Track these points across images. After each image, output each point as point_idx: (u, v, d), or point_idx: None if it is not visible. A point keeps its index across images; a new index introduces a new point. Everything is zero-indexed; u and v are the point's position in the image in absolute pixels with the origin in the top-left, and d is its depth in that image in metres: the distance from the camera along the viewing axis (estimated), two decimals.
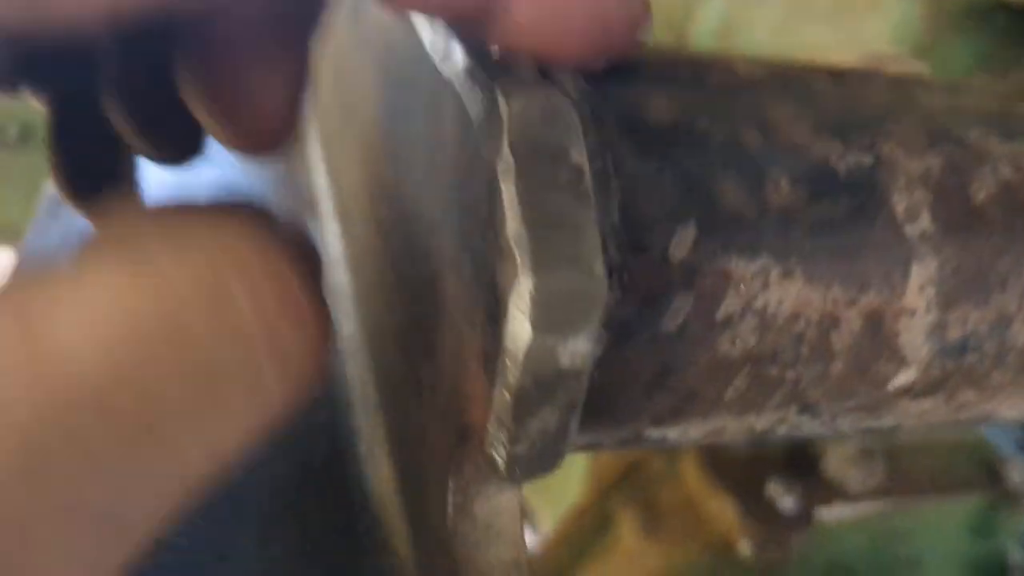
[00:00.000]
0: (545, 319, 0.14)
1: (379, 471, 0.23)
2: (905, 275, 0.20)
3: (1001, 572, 0.65)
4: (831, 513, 0.53)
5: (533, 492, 1.11)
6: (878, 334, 0.20)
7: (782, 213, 0.19)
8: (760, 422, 0.21)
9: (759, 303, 0.18)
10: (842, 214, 0.19)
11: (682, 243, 0.17)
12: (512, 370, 0.14)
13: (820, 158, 0.19)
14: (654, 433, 0.20)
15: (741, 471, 0.55)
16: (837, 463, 0.54)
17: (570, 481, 0.80)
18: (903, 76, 0.24)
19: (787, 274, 0.18)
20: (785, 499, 0.51)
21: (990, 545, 0.63)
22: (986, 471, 0.62)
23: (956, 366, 0.21)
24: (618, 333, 0.17)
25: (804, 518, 0.52)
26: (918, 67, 0.52)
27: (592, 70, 0.17)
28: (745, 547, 0.51)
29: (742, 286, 0.18)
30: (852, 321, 0.19)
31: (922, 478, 0.59)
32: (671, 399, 0.19)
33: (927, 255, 0.20)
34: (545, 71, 0.17)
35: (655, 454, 0.61)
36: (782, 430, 0.22)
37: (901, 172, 0.20)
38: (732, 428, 0.21)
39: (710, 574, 0.53)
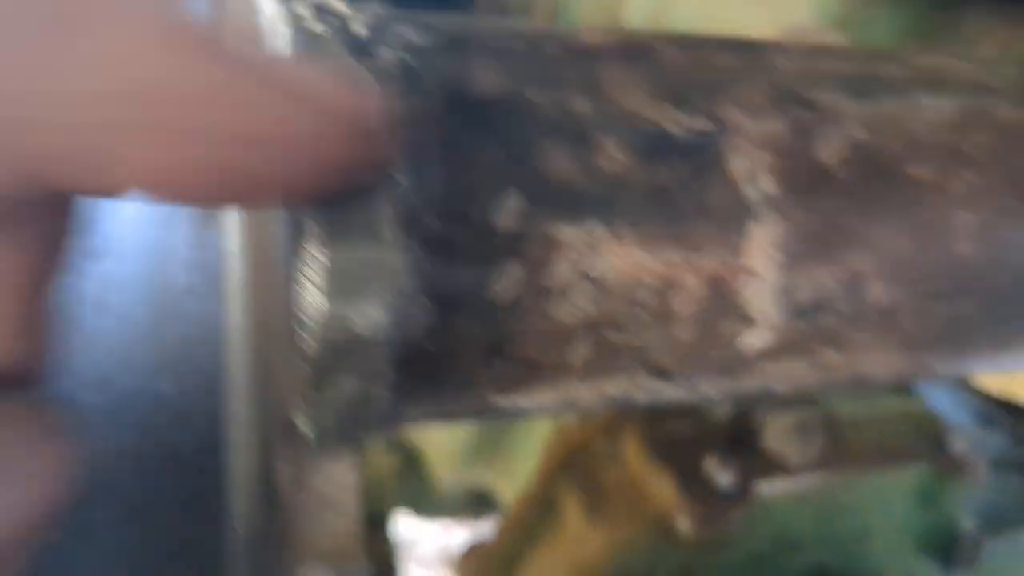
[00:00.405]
0: (336, 287, 0.14)
1: (248, 459, 0.23)
2: (746, 237, 0.20)
3: (950, 541, 0.65)
4: (772, 487, 0.54)
5: (497, 477, 1.11)
6: (722, 296, 0.20)
7: (612, 179, 0.19)
8: (612, 388, 0.21)
9: (591, 269, 0.18)
10: (676, 179, 0.19)
11: (507, 212, 0.17)
12: (308, 339, 0.14)
13: (654, 124, 0.20)
14: (504, 402, 0.20)
15: (680, 449, 0.55)
16: (775, 436, 0.54)
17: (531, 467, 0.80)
18: (761, 41, 0.24)
19: (618, 238, 0.19)
20: (722, 475, 0.52)
21: (938, 515, 0.64)
22: (930, 441, 0.63)
23: (811, 327, 0.22)
24: (446, 303, 0.17)
25: (742, 493, 0.52)
26: (840, 40, 0.53)
27: (327, 189, 0.14)
28: (684, 525, 0.51)
29: (571, 252, 0.18)
30: (693, 284, 0.20)
31: (864, 450, 0.59)
32: (512, 368, 0.19)
33: (769, 217, 0.20)
34: (364, 44, 0.17)
35: (600, 437, 0.61)
36: (641, 396, 0.22)
37: (742, 135, 0.20)
38: (586, 396, 0.21)
39: (651, 553, 0.53)
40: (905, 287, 0.22)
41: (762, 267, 0.20)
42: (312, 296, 0.14)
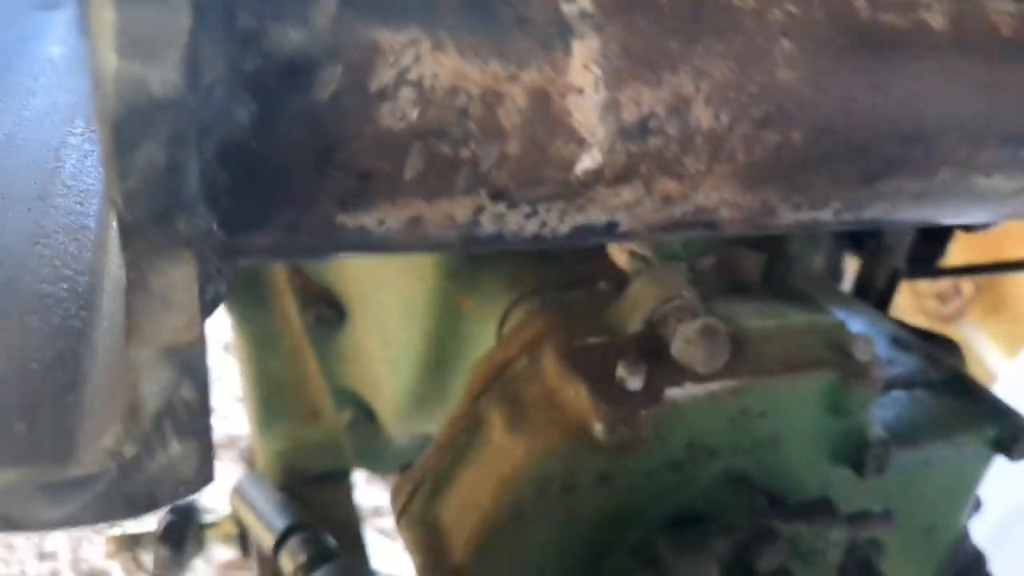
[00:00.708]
0: (129, 48, 0.15)
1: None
2: (567, 52, 0.21)
3: (860, 448, 0.68)
4: (681, 392, 0.55)
5: None
6: (547, 111, 0.21)
7: None
8: (458, 211, 0.22)
9: (413, 75, 0.19)
10: None
11: (323, 12, 0.18)
12: (106, 101, 0.15)
13: None
14: (349, 221, 0.21)
15: (593, 360, 0.57)
16: (683, 345, 0.56)
17: None
18: None
19: (439, 47, 0.20)
20: (632, 379, 0.53)
21: (848, 423, 0.67)
22: (835, 350, 0.65)
23: (640, 149, 0.23)
24: (266, 100, 0.18)
25: (652, 397, 0.54)
26: None
27: None
28: (598, 429, 0.53)
29: (392, 57, 0.19)
30: (517, 97, 0.21)
31: (771, 359, 0.62)
32: (347, 178, 0.20)
33: (588, 33, 0.21)
34: None
35: (521, 356, 0.63)
36: (488, 224, 0.23)
37: None
38: (432, 217, 0.22)
39: (568, 459, 0.55)
40: (730, 110, 0.23)
41: (587, 84, 0.21)
42: (106, 58, 0.15)
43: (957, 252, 0.98)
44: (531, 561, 0.58)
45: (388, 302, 0.98)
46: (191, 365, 0.18)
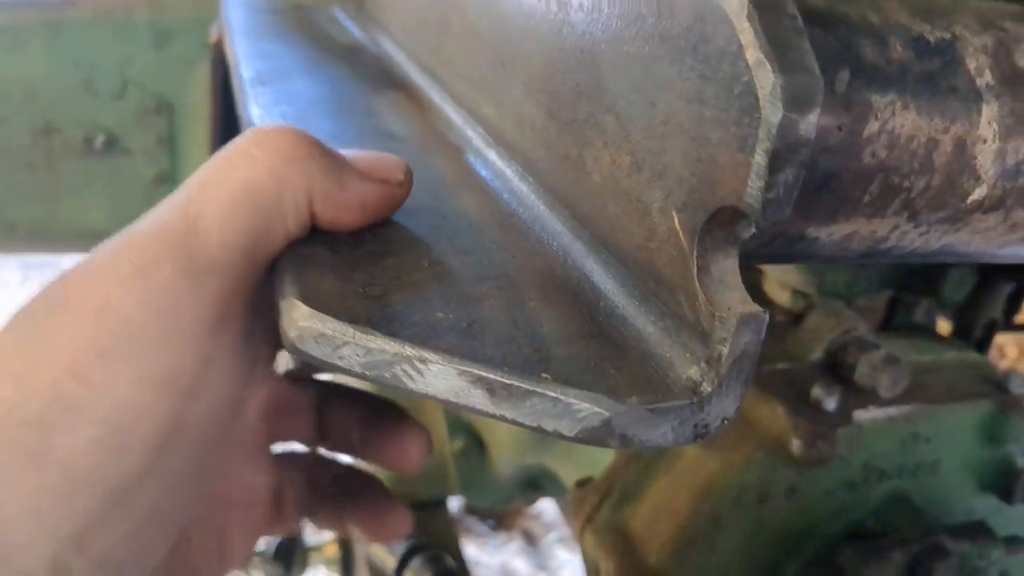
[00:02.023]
0: (791, 102, 0.22)
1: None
2: (978, 112, 0.28)
3: (1008, 476, 0.73)
4: (866, 415, 0.62)
5: (560, 461, 1.18)
6: (963, 155, 0.28)
7: (900, 65, 0.27)
8: (881, 228, 0.29)
9: (888, 126, 0.27)
10: (936, 69, 0.28)
11: (841, 81, 0.26)
12: (769, 138, 0.22)
13: (917, 32, 0.28)
14: (811, 233, 0.28)
15: (786, 383, 0.64)
16: (868, 370, 0.62)
17: (596, 451, 0.88)
18: None
19: (905, 107, 0.27)
20: (828, 400, 0.60)
21: (999, 451, 0.72)
22: (992, 384, 0.71)
23: (1012, 186, 0.30)
24: (819, 144, 0.25)
25: (845, 416, 0.60)
26: None
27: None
28: (796, 445, 0.59)
29: (878, 113, 0.26)
30: (946, 144, 0.28)
31: (939, 389, 0.68)
32: (831, 199, 0.27)
33: (991, 100, 0.29)
34: None
35: None
36: (893, 239, 0.30)
37: (969, 44, 0.29)
38: (862, 233, 0.29)
39: (764, 470, 0.61)
40: None
41: (988, 136, 0.29)
42: (772, 109, 0.22)
43: None
44: (721, 566, 0.64)
45: None
46: (759, 329, 0.25)
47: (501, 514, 2.07)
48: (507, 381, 0.25)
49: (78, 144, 1.03)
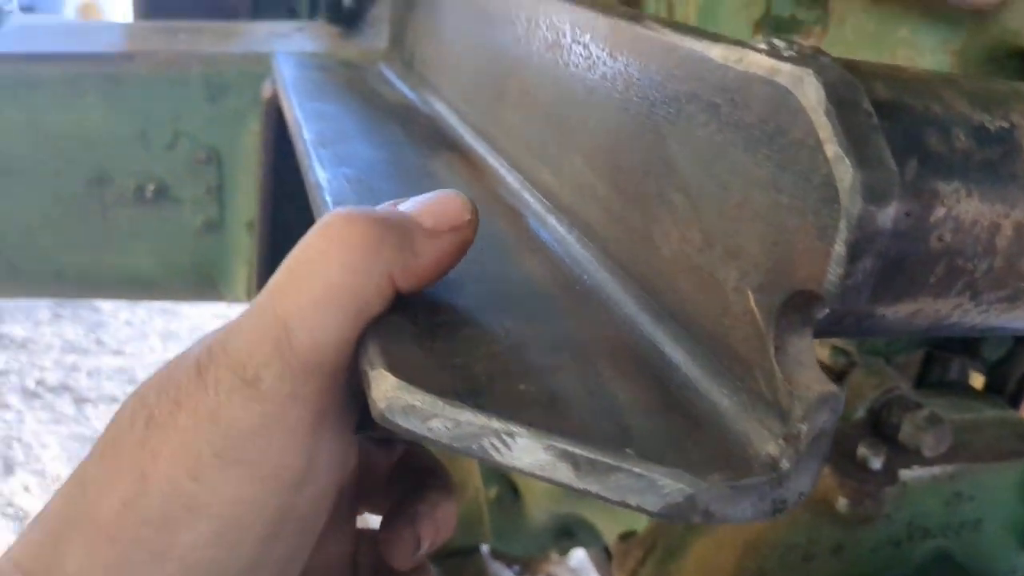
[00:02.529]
0: (870, 195, 0.24)
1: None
2: None
3: None
4: (911, 473, 0.62)
5: (597, 511, 1.18)
6: (1022, 238, 0.30)
7: (963, 153, 0.29)
8: (944, 307, 0.30)
9: (954, 212, 0.28)
10: (996, 157, 0.29)
11: (910, 170, 0.27)
12: (849, 229, 0.24)
13: (978, 121, 0.30)
14: (878, 311, 0.29)
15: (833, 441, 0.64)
16: (912, 430, 0.63)
17: None
18: (1005, 81, 0.34)
19: (969, 194, 0.28)
20: (874, 459, 0.60)
21: None
22: None
23: None
24: (892, 231, 0.27)
25: (891, 476, 0.61)
26: None
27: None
28: (842, 504, 0.60)
29: (944, 199, 0.28)
30: (1007, 228, 0.29)
31: (979, 447, 0.68)
32: (900, 280, 0.29)
33: None
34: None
35: None
36: (955, 316, 0.31)
37: None
38: (926, 311, 0.30)
39: (810, 529, 0.61)
40: None
41: None
42: (853, 202, 0.24)
43: None
44: None
45: None
46: (836, 409, 0.26)
47: (527, 560, 2.06)
48: (592, 456, 0.26)
49: (130, 193, 1.06)
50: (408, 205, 0.34)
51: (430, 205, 0.34)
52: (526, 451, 0.27)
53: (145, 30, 1.27)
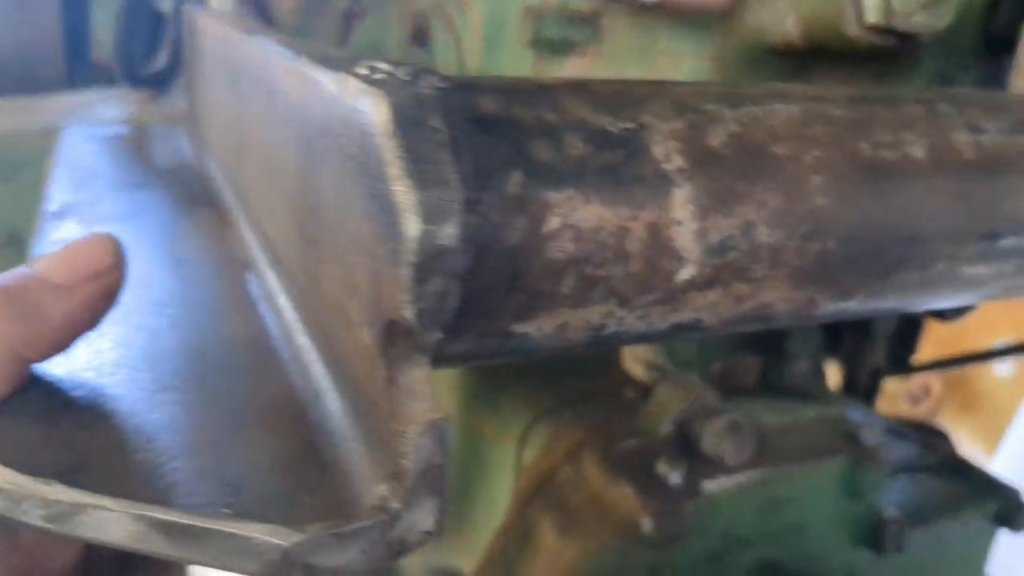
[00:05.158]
0: (428, 216, 0.22)
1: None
2: (669, 197, 0.29)
3: (878, 528, 0.74)
4: (715, 484, 0.62)
5: (464, 557, 1.15)
6: (658, 239, 0.29)
7: (578, 161, 0.28)
8: (593, 317, 0.29)
9: (571, 220, 0.27)
10: (618, 159, 0.28)
11: (513, 184, 0.26)
12: (410, 252, 0.22)
13: (598, 126, 0.29)
14: (518, 329, 0.28)
15: (634, 461, 0.63)
16: (711, 440, 0.62)
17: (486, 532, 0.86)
18: (662, 79, 0.34)
19: (587, 200, 0.27)
20: (672, 475, 0.59)
21: (864, 504, 0.73)
22: (845, 438, 0.72)
23: (722, 262, 0.31)
24: (479, 249, 0.25)
25: (692, 490, 0.60)
26: None
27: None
28: (646, 524, 0.59)
29: (557, 209, 0.27)
30: (638, 230, 0.28)
31: (790, 450, 0.68)
32: (524, 297, 0.27)
33: (684, 183, 0.29)
34: (410, 82, 0.26)
35: (563, 464, 0.69)
36: (612, 325, 0.30)
37: (656, 132, 0.30)
38: (574, 323, 0.29)
39: (619, 555, 0.60)
40: (783, 229, 0.31)
41: (684, 217, 0.29)
42: (411, 223, 0.22)
43: (925, 351, 1.06)
44: None
45: None
46: (441, 438, 0.24)
47: None
48: (184, 522, 0.24)
49: None
50: (40, 262, 0.31)
51: (64, 256, 0.31)
52: (119, 524, 0.24)
53: None
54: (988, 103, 0.40)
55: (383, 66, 0.27)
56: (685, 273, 0.30)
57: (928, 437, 0.96)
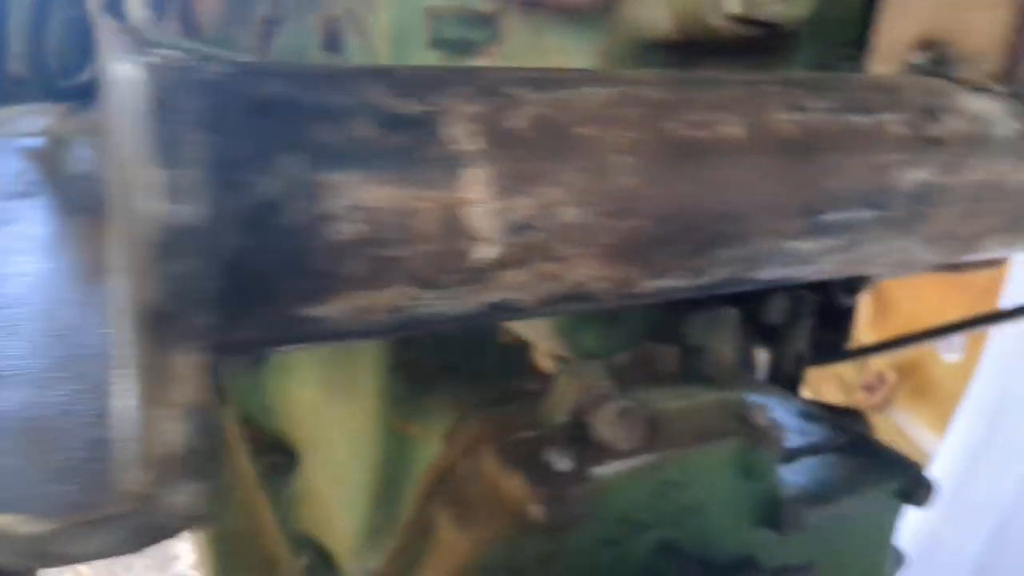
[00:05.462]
0: (170, 196, 0.23)
1: None
2: (462, 177, 0.29)
3: (775, 507, 0.75)
4: (605, 469, 0.62)
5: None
6: (453, 219, 0.29)
7: (365, 142, 0.28)
8: (397, 299, 0.30)
9: (357, 201, 0.27)
10: (409, 141, 0.29)
11: (290, 165, 0.26)
12: (149, 230, 0.23)
13: (389, 110, 0.29)
14: (311, 312, 0.28)
15: (526, 450, 0.64)
16: (602, 426, 0.63)
17: None
18: (476, 65, 0.34)
19: (374, 181, 0.28)
20: (560, 461, 0.60)
21: (760, 484, 0.74)
22: (738, 421, 0.73)
23: (525, 241, 0.31)
24: (251, 230, 0.26)
25: (580, 476, 0.61)
26: None
27: None
28: (535, 511, 0.59)
29: (341, 190, 0.27)
30: (430, 211, 0.29)
31: (683, 433, 0.69)
32: (312, 280, 0.28)
33: (481, 163, 0.30)
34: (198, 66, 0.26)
35: (461, 459, 0.69)
36: (421, 308, 0.31)
37: (453, 114, 0.30)
38: (376, 306, 0.30)
39: (511, 544, 0.60)
40: (590, 208, 0.32)
41: (479, 197, 0.30)
42: (150, 202, 0.22)
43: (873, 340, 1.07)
44: None
45: (337, 439, 1.02)
46: (204, 423, 0.25)
47: None
48: None
49: None
50: None
51: None
52: None
53: None
54: (819, 84, 0.42)
55: (171, 54, 0.27)
56: (486, 253, 0.30)
57: (842, 419, 0.98)
